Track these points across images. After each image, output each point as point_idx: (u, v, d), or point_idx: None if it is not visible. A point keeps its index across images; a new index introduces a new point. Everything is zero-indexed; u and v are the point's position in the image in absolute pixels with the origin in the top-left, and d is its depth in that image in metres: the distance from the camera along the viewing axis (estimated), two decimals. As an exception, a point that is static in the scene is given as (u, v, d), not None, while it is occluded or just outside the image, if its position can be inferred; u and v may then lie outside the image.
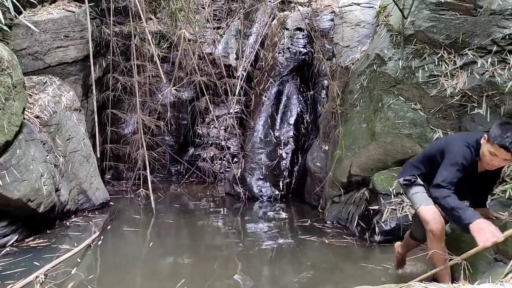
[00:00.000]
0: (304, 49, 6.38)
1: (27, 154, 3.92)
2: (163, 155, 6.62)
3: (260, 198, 5.82)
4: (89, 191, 5.00)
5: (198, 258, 3.89)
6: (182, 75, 6.53)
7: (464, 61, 4.04)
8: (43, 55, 5.21)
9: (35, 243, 3.96)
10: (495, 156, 2.54)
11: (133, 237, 4.39)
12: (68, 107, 4.96)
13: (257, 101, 6.43)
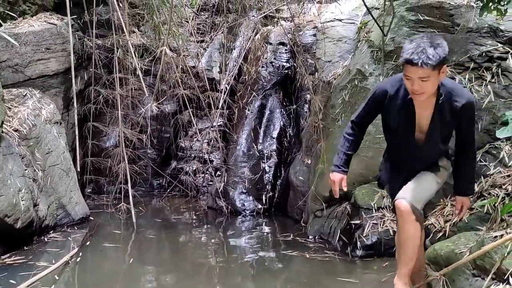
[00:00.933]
0: (287, 64, 6.44)
1: (4, 168, 3.85)
2: (145, 169, 6.55)
3: (243, 212, 5.80)
4: (69, 206, 4.92)
5: (180, 274, 3.85)
6: (165, 88, 6.51)
7: (442, 78, 4.12)
8: (24, 67, 5.15)
9: (11, 260, 3.85)
10: (409, 79, 2.25)
11: (113, 253, 4.32)
12: (48, 120, 4.89)
13: (240, 114, 6.45)
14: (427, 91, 2.29)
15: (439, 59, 2.18)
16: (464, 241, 2.85)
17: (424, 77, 2.21)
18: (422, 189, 2.54)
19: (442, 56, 2.20)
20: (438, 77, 2.26)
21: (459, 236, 3.01)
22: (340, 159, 2.64)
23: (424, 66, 2.18)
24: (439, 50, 2.19)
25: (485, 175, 3.71)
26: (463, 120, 2.42)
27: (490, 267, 2.41)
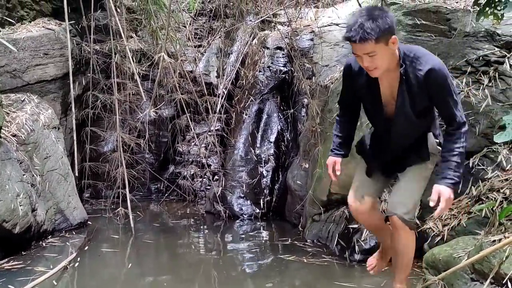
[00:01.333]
0: (284, 68, 6.46)
1: (3, 173, 3.84)
2: (143, 173, 6.54)
3: (241, 216, 5.80)
4: (67, 211, 4.91)
5: (178, 279, 3.85)
6: (163, 93, 6.52)
7: (439, 82, 4.15)
8: (22, 72, 5.15)
9: (9, 265, 3.84)
10: (358, 56, 2.16)
11: (111, 258, 4.31)
12: (46, 125, 4.89)
13: (238, 119, 6.46)
14: (379, 66, 2.16)
15: (380, 32, 2.04)
16: (463, 245, 2.86)
17: (369, 53, 2.09)
18: (410, 195, 2.47)
19: (383, 28, 2.05)
20: (386, 49, 2.11)
21: (457, 240, 3.02)
22: (333, 143, 2.66)
23: (364, 42, 2.06)
24: (380, 22, 2.05)
25: (483, 179, 3.73)
26: (431, 91, 2.22)
27: (488, 272, 2.42)
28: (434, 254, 2.95)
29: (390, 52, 2.15)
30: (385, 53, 2.12)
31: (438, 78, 2.18)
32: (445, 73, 2.21)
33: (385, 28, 2.06)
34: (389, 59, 2.18)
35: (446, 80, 2.20)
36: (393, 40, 2.12)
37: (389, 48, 2.13)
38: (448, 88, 2.22)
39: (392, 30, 2.10)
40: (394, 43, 2.13)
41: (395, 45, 2.15)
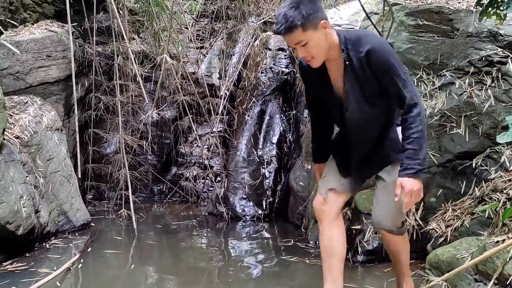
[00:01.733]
0: (287, 69, 6.46)
1: (6, 175, 3.85)
2: (146, 175, 6.56)
3: (243, 217, 5.80)
4: (70, 212, 4.92)
5: (181, 280, 3.85)
6: (165, 94, 6.53)
7: (442, 82, 4.15)
8: (25, 75, 5.16)
9: (13, 267, 3.85)
10: (294, 48, 2.10)
11: (114, 259, 4.31)
12: (49, 127, 4.90)
13: (240, 120, 6.46)
14: (315, 55, 2.07)
15: (304, 18, 1.96)
16: (466, 246, 2.85)
17: (299, 42, 2.01)
18: (392, 208, 2.35)
19: (306, 13, 1.96)
20: (318, 35, 2.02)
21: (460, 241, 3.02)
22: (313, 150, 2.68)
23: (290, 32, 1.97)
24: (302, 8, 1.96)
25: (486, 180, 3.73)
26: (376, 72, 2.08)
27: (492, 272, 2.41)
28: (438, 255, 2.94)
29: (323, 38, 2.05)
30: (317, 39, 2.03)
31: (380, 57, 2.05)
32: (387, 51, 2.07)
33: (308, 13, 1.97)
34: (325, 45, 2.07)
35: (389, 59, 2.06)
36: (323, 24, 2.03)
37: (321, 34, 2.03)
38: (392, 67, 2.07)
39: (318, 14, 2.01)
40: (326, 27, 2.04)
41: (327, 29, 2.05)
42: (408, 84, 2.10)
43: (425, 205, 3.98)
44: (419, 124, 2.07)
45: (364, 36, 2.11)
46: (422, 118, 2.09)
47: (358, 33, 2.16)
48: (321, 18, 2.03)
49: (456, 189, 3.90)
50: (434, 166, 4.02)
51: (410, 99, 2.08)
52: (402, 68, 2.10)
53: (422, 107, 2.10)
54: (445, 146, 4.03)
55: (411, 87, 2.10)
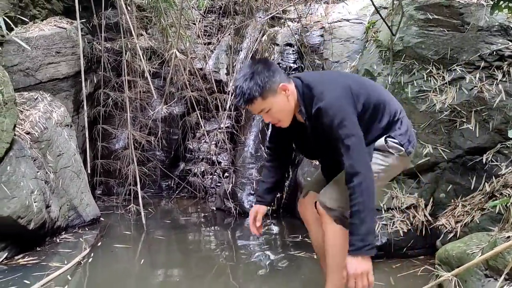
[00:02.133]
0: (294, 65, 6.44)
1: (17, 170, 3.89)
2: (154, 170, 6.59)
3: (252, 213, 5.80)
4: (80, 207, 4.96)
5: (189, 275, 3.87)
6: (173, 90, 6.55)
7: (452, 77, 4.12)
8: (35, 71, 5.20)
9: (24, 260, 3.90)
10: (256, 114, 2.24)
11: (123, 254, 4.35)
12: (59, 123, 4.94)
13: (248, 116, 6.46)
14: (282, 118, 2.10)
15: (260, 87, 1.98)
16: (476, 241, 2.84)
17: (262, 110, 2.05)
18: (335, 186, 2.23)
19: (262, 83, 1.98)
20: (279, 99, 2.04)
21: (471, 236, 3.00)
22: (258, 189, 2.50)
23: (251, 104, 2.02)
24: (256, 78, 1.98)
25: (497, 175, 3.70)
26: (326, 131, 2.02)
27: (503, 268, 2.40)
28: (447, 250, 2.93)
29: (285, 101, 2.05)
30: (279, 104, 2.04)
31: (325, 118, 1.98)
32: (333, 113, 1.96)
33: (264, 81, 1.99)
34: (288, 107, 2.08)
35: (333, 121, 1.96)
36: (282, 87, 2.03)
37: (282, 97, 2.04)
38: (335, 130, 1.96)
39: (274, 79, 2.01)
40: (285, 90, 2.04)
41: (287, 91, 2.05)
42: (351, 150, 1.95)
43: (434, 201, 3.96)
44: (360, 195, 1.90)
45: (319, 93, 2.03)
46: (365, 188, 1.91)
47: (316, 87, 2.07)
48: (279, 82, 2.02)
49: (466, 185, 3.88)
50: (444, 161, 4.00)
51: (349, 167, 1.96)
52: (347, 132, 1.96)
53: (365, 176, 1.92)
54: (455, 142, 4.01)
55: (356, 153, 1.94)
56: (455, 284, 2.60)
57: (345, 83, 2.09)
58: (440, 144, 4.03)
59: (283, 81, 2.06)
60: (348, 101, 2.00)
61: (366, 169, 1.94)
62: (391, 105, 2.22)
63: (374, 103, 2.14)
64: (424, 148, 4.08)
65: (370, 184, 1.92)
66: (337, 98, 2.00)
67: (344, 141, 1.96)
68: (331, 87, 2.05)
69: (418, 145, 4.10)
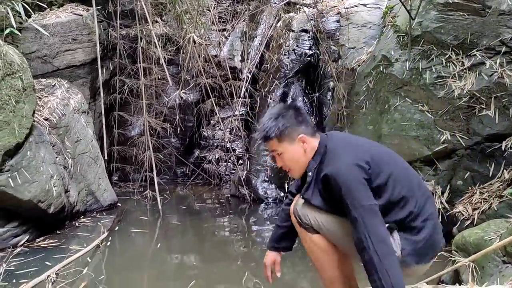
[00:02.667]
0: (310, 51, 6.39)
1: (37, 156, 3.96)
2: (169, 157, 6.64)
3: (265, 200, 5.84)
4: (97, 193, 5.04)
5: (205, 259, 3.93)
6: (188, 77, 6.56)
7: (472, 62, 4.05)
8: (52, 58, 5.26)
9: (45, 243, 4.00)
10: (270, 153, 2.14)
11: (140, 238, 4.42)
12: (76, 110, 5.00)
13: (262, 103, 6.45)
14: (292, 168, 2.05)
15: (278, 130, 1.97)
16: (494, 228, 2.82)
17: (275, 151, 2.03)
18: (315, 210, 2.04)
19: (283, 126, 1.97)
20: (294, 148, 2.00)
21: (488, 223, 2.98)
22: (273, 235, 2.30)
23: (267, 141, 2.03)
24: (280, 121, 1.98)
25: (516, 162, 3.65)
26: (335, 197, 1.90)
27: (521, 254, 2.39)
28: (465, 236, 2.91)
29: (301, 152, 2.00)
30: (292, 152, 2.00)
31: (333, 185, 1.88)
32: (342, 181, 1.85)
33: (285, 126, 1.98)
34: (302, 159, 2.02)
35: (341, 190, 1.85)
36: (301, 138, 1.99)
37: (298, 147, 2.00)
38: (343, 198, 1.85)
39: (296, 128, 1.99)
40: (304, 142, 1.99)
41: (305, 144, 2.00)
42: (358, 224, 1.81)
43: (451, 188, 3.93)
44: (374, 273, 1.76)
45: (335, 157, 1.94)
46: (377, 263, 1.76)
47: (336, 151, 1.97)
48: (300, 132, 2.00)
49: (484, 172, 3.83)
50: (462, 148, 3.95)
51: (357, 241, 1.82)
52: (355, 203, 1.83)
53: (374, 251, 1.77)
54: (473, 128, 3.95)
55: (362, 226, 1.80)
56: (472, 270, 2.59)
57: (368, 152, 1.95)
58: (458, 131, 3.98)
59: (306, 133, 2.02)
60: (361, 170, 1.87)
61: (375, 242, 1.77)
62: (417, 204, 1.94)
63: (398, 191, 1.92)
64: (442, 135, 4.03)
65: (383, 258, 1.76)
66: (348, 165, 1.88)
67: (351, 212, 1.83)
68: (347, 152, 1.95)
69: (436, 132, 4.06)
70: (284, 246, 2.30)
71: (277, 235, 2.29)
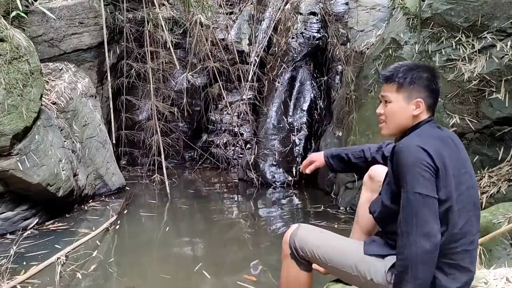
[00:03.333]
0: (318, 34, 6.32)
1: (45, 139, 3.99)
2: (177, 141, 6.66)
3: (273, 184, 5.85)
4: (106, 176, 5.08)
5: (212, 243, 3.96)
6: (195, 61, 6.53)
7: (482, 45, 3.98)
8: (59, 41, 5.25)
9: (54, 226, 4.05)
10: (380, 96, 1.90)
11: (149, 221, 4.46)
12: (84, 94, 5.01)
13: (270, 87, 6.42)
14: (388, 121, 1.84)
15: (405, 79, 1.78)
16: (503, 211, 2.80)
17: (385, 96, 1.83)
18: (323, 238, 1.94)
19: (411, 78, 1.78)
20: (403, 105, 1.80)
21: (497, 206, 2.96)
22: (336, 150, 2.26)
23: (386, 82, 1.82)
24: (413, 73, 1.79)
25: (526, 146, 3.61)
26: (393, 173, 1.74)
27: (530, 237, 2.37)
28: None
29: (407, 113, 1.81)
30: (399, 107, 1.81)
31: (397, 160, 1.71)
32: (406, 160, 1.67)
33: (413, 80, 1.78)
34: (402, 120, 1.83)
35: (403, 167, 1.67)
36: (417, 102, 1.79)
37: (407, 106, 1.80)
38: (404, 179, 1.67)
39: (420, 89, 1.79)
40: (417, 107, 1.80)
41: (417, 110, 1.80)
42: (406, 213, 1.64)
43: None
44: (407, 261, 1.62)
45: (411, 137, 1.77)
46: (410, 279, 1.61)
47: (420, 134, 1.80)
48: (421, 97, 1.80)
49: (493, 156, 3.80)
50: (471, 132, 3.91)
51: (398, 248, 1.66)
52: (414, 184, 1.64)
53: (406, 262, 1.62)
54: (483, 112, 3.90)
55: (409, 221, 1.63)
56: (480, 253, 2.58)
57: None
58: (468, 114, 3.93)
59: (426, 102, 1.81)
60: (428, 156, 1.67)
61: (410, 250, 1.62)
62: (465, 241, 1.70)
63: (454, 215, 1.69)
64: (451, 118, 3.99)
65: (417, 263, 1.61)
66: (414, 146, 1.69)
67: (406, 193, 1.65)
68: (417, 137, 1.76)
69: (445, 115, 4.02)
70: (332, 163, 2.24)
71: (338, 153, 2.22)
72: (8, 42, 3.72)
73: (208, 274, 3.17)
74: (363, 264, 1.77)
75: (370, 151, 2.20)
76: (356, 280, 1.83)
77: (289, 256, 1.95)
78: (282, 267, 2.00)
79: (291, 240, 1.95)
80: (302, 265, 1.94)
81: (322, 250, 1.88)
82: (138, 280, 3.10)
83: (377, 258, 1.77)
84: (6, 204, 3.82)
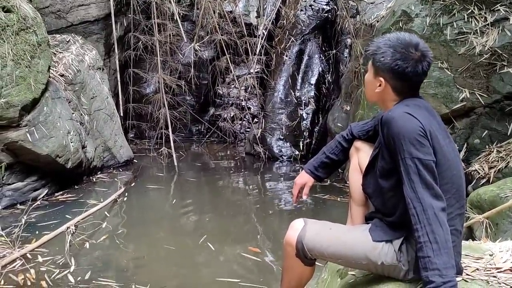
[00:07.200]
0: (327, 6, 6.20)
1: (54, 111, 4.01)
2: (184, 115, 6.66)
3: (280, 158, 5.87)
4: (114, 149, 5.12)
5: (219, 215, 4.01)
6: (202, 34, 6.46)
7: (495, 18, 3.88)
8: (66, 13, 5.21)
9: (64, 197, 4.12)
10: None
11: (156, 194, 4.52)
12: (91, 66, 5.00)
13: (278, 60, 6.35)
14: (364, 85, 1.89)
15: (375, 55, 1.75)
16: (510, 185, 2.79)
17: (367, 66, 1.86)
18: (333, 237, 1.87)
19: (381, 56, 1.74)
20: (371, 79, 1.81)
21: (505, 181, 2.95)
22: (316, 159, 2.16)
23: (368, 54, 1.84)
24: (393, 53, 1.74)
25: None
26: (384, 145, 1.73)
27: (536, 211, 2.37)
28: (480, 194, 2.90)
29: (372, 88, 1.83)
30: (368, 80, 1.85)
31: (389, 128, 1.68)
32: (397, 126, 1.66)
33: (379, 58, 1.75)
34: (370, 93, 1.87)
35: (398, 135, 1.66)
36: (380, 80, 1.78)
37: (373, 82, 1.81)
38: (401, 146, 1.65)
39: (386, 67, 1.75)
40: (379, 85, 1.79)
41: (378, 88, 1.80)
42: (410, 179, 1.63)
43: (468, 147, 3.87)
44: (426, 224, 1.59)
45: (396, 107, 1.77)
46: (431, 216, 1.59)
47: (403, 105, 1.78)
48: (383, 75, 1.78)
49: (502, 131, 3.76)
50: (481, 107, 3.86)
51: (410, 197, 1.63)
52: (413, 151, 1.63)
53: (427, 205, 1.60)
54: (493, 86, 3.84)
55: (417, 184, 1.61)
56: (486, 227, 2.59)
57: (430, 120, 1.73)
58: (478, 89, 3.87)
59: (389, 82, 1.78)
60: (418, 122, 1.68)
61: (428, 202, 1.61)
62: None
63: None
64: (461, 92, 3.93)
65: (436, 213, 1.60)
66: (403, 115, 1.68)
67: (405, 159, 1.64)
68: (404, 107, 1.75)
69: (455, 90, 3.96)
70: (319, 175, 2.16)
71: (319, 162, 2.14)
72: (15, 12, 3.70)
73: (213, 246, 3.22)
74: (373, 251, 1.77)
75: (347, 138, 2.14)
76: (366, 267, 1.83)
77: (294, 256, 1.91)
78: (285, 267, 1.98)
79: (299, 243, 1.88)
80: (307, 262, 1.93)
81: (332, 249, 1.85)
82: (145, 251, 3.17)
83: (386, 243, 1.76)
84: (16, 175, 3.88)
